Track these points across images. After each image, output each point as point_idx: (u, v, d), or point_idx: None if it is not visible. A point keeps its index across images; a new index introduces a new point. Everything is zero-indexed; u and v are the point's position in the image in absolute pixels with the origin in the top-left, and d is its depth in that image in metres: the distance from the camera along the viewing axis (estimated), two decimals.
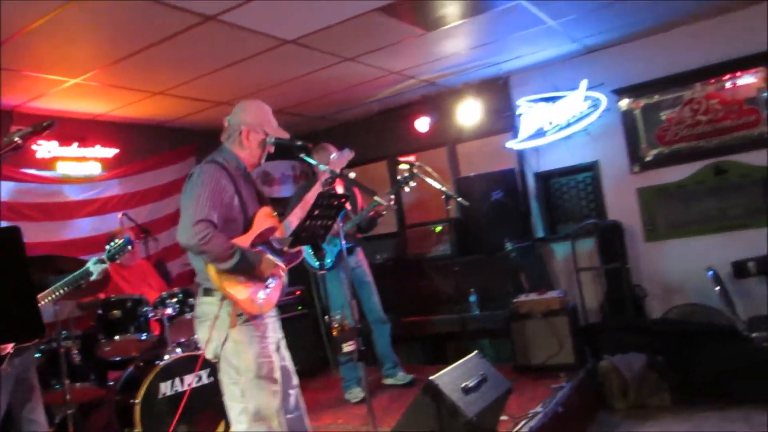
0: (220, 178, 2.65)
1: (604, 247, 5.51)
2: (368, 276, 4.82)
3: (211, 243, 2.52)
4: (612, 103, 5.68)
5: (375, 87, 5.89)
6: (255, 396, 2.65)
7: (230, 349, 2.66)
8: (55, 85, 4.56)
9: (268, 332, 2.75)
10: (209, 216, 2.55)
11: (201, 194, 2.58)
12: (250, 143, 2.83)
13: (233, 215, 2.69)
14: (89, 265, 3.16)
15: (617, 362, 4.59)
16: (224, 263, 2.55)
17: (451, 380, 3.07)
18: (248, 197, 2.77)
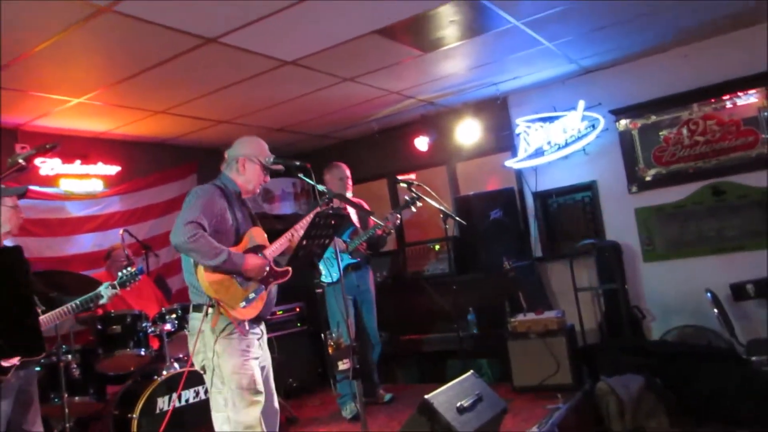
0: (215, 193, 2.94)
1: (602, 267, 5.52)
2: (371, 296, 4.87)
3: (199, 242, 2.75)
4: (610, 123, 5.73)
5: (375, 106, 5.96)
6: (237, 406, 2.80)
7: (214, 360, 2.84)
8: (59, 105, 4.64)
9: (252, 347, 2.92)
10: (199, 219, 2.80)
11: (195, 203, 2.88)
12: (245, 171, 3.09)
13: (224, 227, 2.93)
14: (101, 289, 3.31)
15: (614, 384, 4.57)
16: (211, 260, 2.77)
17: (446, 399, 3.09)
18: (241, 217, 3.04)
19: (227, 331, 2.84)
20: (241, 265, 2.84)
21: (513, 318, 4.98)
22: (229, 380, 2.82)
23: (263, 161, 3.09)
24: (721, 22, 4.92)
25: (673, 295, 5.45)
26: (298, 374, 5.92)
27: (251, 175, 3.10)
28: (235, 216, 3.00)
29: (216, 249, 2.79)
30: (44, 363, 4.04)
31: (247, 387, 2.82)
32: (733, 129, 5.26)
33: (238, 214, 3.03)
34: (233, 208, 3.01)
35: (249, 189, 3.13)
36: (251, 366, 2.87)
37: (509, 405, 3.70)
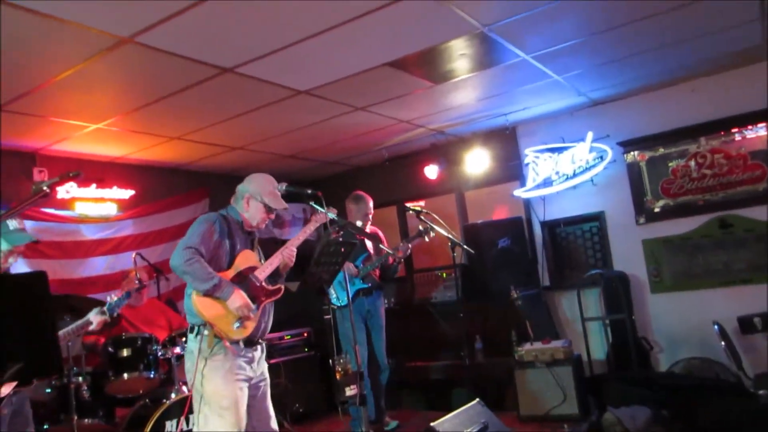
0: (216, 223, 3.16)
1: (609, 297, 5.53)
2: (381, 320, 4.93)
3: (194, 266, 2.97)
4: (618, 155, 5.79)
5: (385, 135, 6.06)
6: (216, 425, 2.94)
7: (199, 378, 3.00)
8: (77, 130, 4.75)
9: (241, 370, 3.04)
10: (197, 246, 3.03)
11: (197, 230, 3.12)
12: (249, 208, 3.28)
13: (218, 253, 3.14)
14: (90, 316, 3.38)
15: (621, 415, 4.55)
16: (203, 285, 2.97)
17: (452, 427, 3.12)
18: (240, 244, 3.23)
19: (217, 353, 3.00)
20: (229, 294, 3.00)
21: (520, 347, 4.98)
22: (211, 400, 2.98)
23: (267, 201, 3.25)
24: (728, 58, 5.00)
25: (680, 327, 5.44)
26: (304, 399, 5.92)
27: (254, 212, 3.28)
28: (233, 243, 3.19)
29: (209, 275, 2.99)
30: (55, 385, 4.11)
31: (227, 407, 2.96)
32: (740, 163, 5.30)
33: (237, 242, 3.22)
34: (233, 237, 3.21)
35: (252, 224, 3.30)
36: (235, 389, 3.00)
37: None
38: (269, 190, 3.29)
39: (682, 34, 4.31)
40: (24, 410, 3.12)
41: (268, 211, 3.28)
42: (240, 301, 3.01)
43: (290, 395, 5.78)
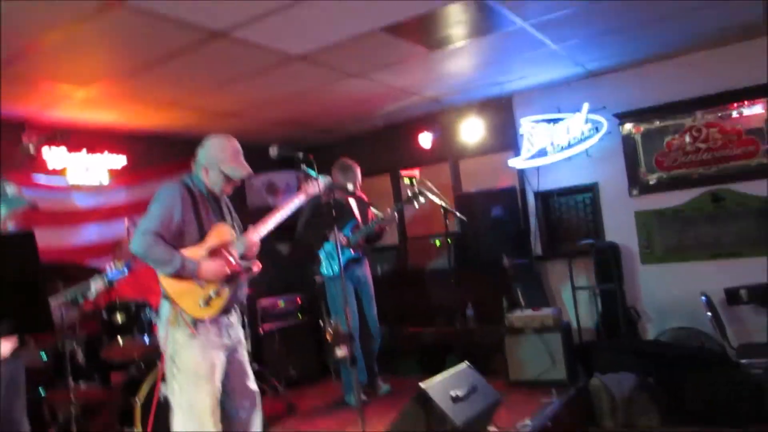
0: (177, 197, 2.99)
1: (600, 267, 5.59)
2: (371, 288, 4.99)
3: (153, 252, 2.88)
4: (613, 127, 5.79)
5: (380, 102, 6.03)
6: (189, 393, 2.93)
7: (171, 347, 2.96)
8: (66, 96, 4.69)
9: (212, 335, 3.00)
10: (155, 228, 2.91)
11: (155, 209, 2.97)
12: (208, 177, 3.12)
13: (186, 228, 3.00)
14: (90, 282, 3.36)
15: (608, 381, 4.64)
16: (165, 268, 2.91)
17: (441, 388, 3.17)
18: (207, 214, 3.08)
19: (187, 319, 2.95)
20: (195, 271, 2.93)
21: (510, 314, 5.05)
22: (185, 368, 2.94)
23: (225, 170, 3.09)
24: (728, 32, 4.98)
25: (668, 298, 5.52)
26: (298, 365, 6.01)
27: (215, 181, 3.13)
28: (198, 214, 3.05)
29: (170, 259, 2.89)
30: (50, 350, 4.15)
31: (204, 378, 2.94)
32: (734, 138, 5.32)
33: (204, 212, 3.08)
34: (200, 209, 3.06)
35: (216, 193, 3.16)
36: (212, 357, 2.97)
37: (504, 398, 3.77)
38: (227, 157, 3.11)
39: (683, 6, 4.27)
40: (19, 380, 3.15)
41: (227, 181, 3.13)
42: (211, 271, 2.94)
43: (284, 360, 5.86)
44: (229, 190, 3.18)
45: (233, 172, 3.09)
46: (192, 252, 3.00)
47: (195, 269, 2.93)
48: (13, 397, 3.10)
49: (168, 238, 2.96)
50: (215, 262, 2.97)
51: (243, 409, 3.21)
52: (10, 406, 3.10)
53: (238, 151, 3.15)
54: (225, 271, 2.97)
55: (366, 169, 5.08)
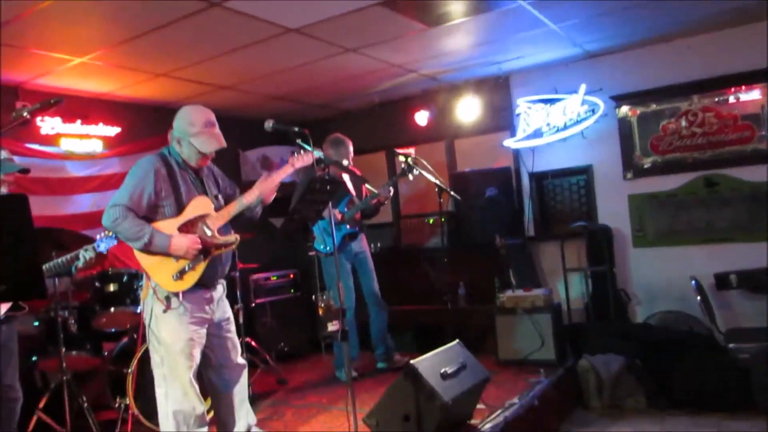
0: (151, 171, 2.95)
1: (592, 249, 5.62)
2: (370, 262, 4.98)
3: (121, 225, 2.87)
4: (609, 109, 5.78)
5: (376, 79, 5.98)
6: (170, 366, 2.97)
7: (153, 321, 2.98)
8: (60, 64, 4.64)
9: (190, 309, 2.99)
10: (126, 202, 2.88)
11: (128, 183, 2.94)
12: (182, 149, 3.06)
13: (165, 201, 2.98)
14: (80, 252, 3.36)
15: (595, 362, 4.70)
16: (135, 243, 2.90)
17: (431, 365, 3.20)
18: (185, 187, 3.04)
19: (164, 293, 2.95)
20: (166, 247, 2.90)
21: (501, 294, 5.08)
22: (165, 343, 2.97)
23: (195, 143, 3.02)
24: (727, 16, 4.95)
25: (659, 281, 5.56)
26: (289, 339, 6.04)
27: (188, 154, 3.07)
28: (176, 187, 3.01)
29: (138, 233, 2.87)
30: (42, 318, 4.16)
31: (180, 351, 2.96)
32: (730, 123, 5.32)
33: (183, 185, 3.04)
34: (177, 181, 3.03)
35: (192, 165, 3.11)
36: (189, 332, 2.98)
37: (493, 377, 3.81)
38: (198, 129, 3.03)
39: None
40: (10, 345, 3.15)
41: (203, 153, 3.05)
42: (181, 247, 2.90)
43: (275, 335, 5.89)
44: (204, 162, 3.12)
45: (202, 145, 3.02)
46: (168, 225, 2.97)
47: (165, 244, 2.90)
48: (4, 361, 3.11)
49: (141, 212, 2.94)
50: (187, 237, 2.93)
51: (231, 383, 3.25)
52: (2, 371, 3.12)
53: (210, 122, 3.06)
54: (196, 247, 2.93)
55: (361, 146, 5.06)
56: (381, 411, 3.26)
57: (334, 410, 4.12)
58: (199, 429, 3.06)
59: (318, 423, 3.88)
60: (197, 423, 3.04)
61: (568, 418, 4.49)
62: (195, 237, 2.94)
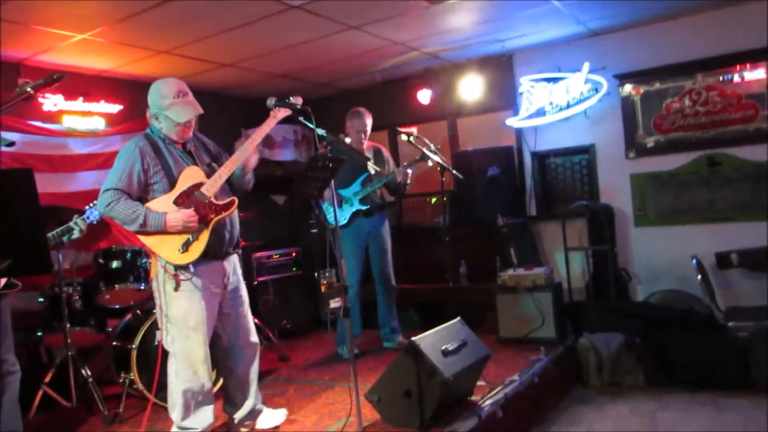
0: (135, 150, 2.98)
1: (593, 229, 5.64)
2: (383, 242, 4.95)
3: (115, 209, 2.89)
4: (613, 88, 5.75)
5: (378, 57, 5.95)
6: (181, 343, 2.99)
7: (163, 298, 2.99)
8: (62, 40, 4.63)
9: (201, 283, 3.01)
10: (116, 186, 2.91)
11: (116, 167, 2.97)
12: (160, 124, 3.06)
13: (156, 179, 3.00)
14: (71, 223, 3.38)
15: (595, 340, 4.74)
16: (131, 226, 2.91)
17: (432, 342, 3.23)
18: (174, 161, 3.06)
19: (180, 273, 2.97)
20: (162, 225, 2.90)
21: (503, 272, 5.10)
22: (177, 321, 2.99)
23: (169, 115, 3.01)
24: None
25: (660, 260, 5.58)
26: (292, 317, 6.09)
27: (168, 127, 3.07)
28: (166, 164, 3.03)
29: (132, 215, 2.89)
30: (47, 294, 4.19)
31: (193, 328, 2.99)
32: (734, 102, 5.29)
33: (170, 159, 3.05)
34: (164, 157, 3.04)
35: (174, 138, 3.10)
36: (200, 308, 3.00)
37: (494, 354, 3.84)
38: (170, 101, 3.02)
39: None
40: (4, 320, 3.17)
41: (179, 124, 3.04)
42: (177, 222, 2.90)
43: (278, 312, 5.93)
44: (186, 133, 3.10)
45: (177, 115, 3.02)
46: (163, 201, 2.98)
47: (161, 222, 2.91)
48: None
49: (135, 193, 2.97)
50: (181, 212, 2.93)
51: (242, 362, 3.29)
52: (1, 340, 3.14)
53: (181, 91, 3.05)
54: (191, 220, 2.93)
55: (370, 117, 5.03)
56: (382, 387, 3.30)
57: (337, 387, 4.16)
58: (206, 406, 3.11)
59: (320, 399, 3.92)
60: (205, 399, 3.09)
61: (568, 395, 4.55)
62: (189, 210, 2.94)
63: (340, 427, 3.28)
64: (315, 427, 3.38)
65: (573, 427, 3.93)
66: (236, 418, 3.37)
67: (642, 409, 4.15)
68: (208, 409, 3.12)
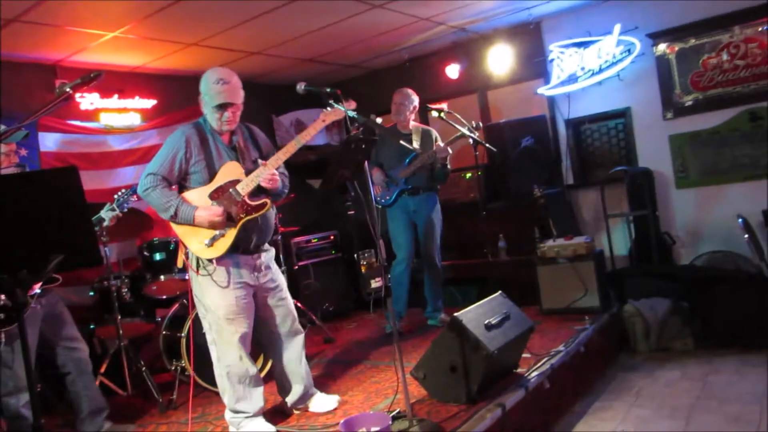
0: (182, 138, 3.05)
1: (633, 193, 5.52)
2: (430, 221, 4.95)
3: (151, 195, 2.98)
4: (646, 48, 5.59)
5: (404, 34, 5.91)
6: (217, 330, 3.09)
7: (197, 289, 3.10)
8: (94, 39, 4.72)
9: (234, 276, 3.06)
10: (159, 171, 3.00)
11: (161, 152, 3.06)
12: (205, 111, 3.12)
13: (194, 169, 3.06)
14: (102, 213, 3.47)
15: (641, 306, 4.68)
16: (163, 214, 3.00)
17: (475, 317, 3.24)
18: (218, 154, 3.11)
19: (209, 265, 3.04)
20: (191, 219, 2.97)
21: (542, 244, 5.05)
22: (209, 310, 3.08)
23: (207, 100, 3.07)
24: None
25: (704, 222, 5.46)
26: (333, 299, 6.16)
27: (209, 115, 3.13)
28: (208, 154, 3.07)
29: (165, 204, 2.96)
30: (97, 287, 4.34)
31: (223, 317, 3.06)
32: None
33: (214, 151, 3.10)
34: (208, 148, 3.09)
35: (214, 126, 3.14)
36: (231, 298, 3.05)
37: (537, 326, 3.83)
38: (209, 86, 3.07)
39: None
40: (57, 312, 3.31)
41: (213, 107, 3.07)
42: (204, 220, 2.95)
43: (320, 295, 6.01)
44: (225, 124, 3.12)
45: (211, 100, 3.05)
46: (199, 193, 3.04)
47: (190, 217, 2.97)
48: (56, 330, 3.27)
49: (174, 180, 3.05)
50: (209, 210, 2.98)
51: (285, 350, 3.36)
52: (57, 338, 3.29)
53: (220, 79, 3.08)
54: (217, 219, 2.97)
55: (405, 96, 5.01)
56: (427, 364, 3.33)
57: (381, 366, 4.21)
58: (255, 388, 3.19)
59: (367, 379, 3.98)
60: (252, 383, 3.17)
61: (615, 363, 4.52)
62: (217, 209, 2.98)
63: (388, 404, 3.32)
64: (363, 406, 3.43)
65: (623, 394, 3.90)
66: (288, 402, 3.45)
67: (692, 373, 4.10)
68: (257, 392, 3.21)
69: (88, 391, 3.37)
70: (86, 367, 3.40)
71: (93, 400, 3.39)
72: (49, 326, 3.25)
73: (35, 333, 3.14)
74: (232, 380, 3.13)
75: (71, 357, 3.32)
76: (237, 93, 3.11)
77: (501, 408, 3.05)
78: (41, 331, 3.20)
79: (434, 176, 4.94)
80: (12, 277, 1.71)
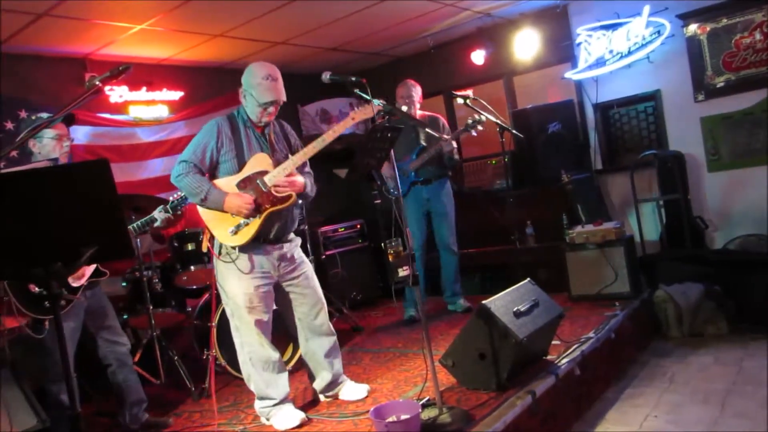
0: (214, 128, 3.13)
1: (664, 178, 5.43)
2: (444, 209, 4.98)
3: (183, 180, 3.07)
4: (676, 29, 5.46)
5: (429, 20, 5.86)
6: (238, 318, 3.16)
7: (219, 277, 3.19)
8: (122, 32, 4.78)
9: (256, 264, 3.14)
10: (192, 158, 3.09)
11: (194, 140, 3.14)
12: (246, 104, 3.19)
13: (224, 158, 3.14)
14: (154, 214, 3.53)
15: (673, 291, 4.61)
16: (194, 198, 3.10)
17: (503, 304, 3.22)
18: (248, 144, 3.18)
19: (230, 253, 3.11)
20: (221, 204, 3.04)
21: (571, 230, 5.00)
22: (231, 296, 3.15)
23: (253, 94, 3.10)
24: None
25: (737, 205, 5.33)
26: (360, 287, 6.19)
27: (251, 108, 3.17)
28: (239, 145, 3.15)
29: (197, 188, 3.04)
30: (129, 278, 4.41)
31: (242, 305, 3.12)
32: None
33: (245, 142, 3.17)
34: (240, 139, 3.16)
35: (254, 120, 3.20)
36: (250, 287, 3.12)
37: (567, 313, 3.80)
38: (257, 81, 3.10)
39: None
40: (101, 306, 3.38)
41: (258, 105, 3.12)
42: (233, 206, 3.02)
43: (347, 284, 6.04)
44: (266, 117, 3.18)
45: (258, 96, 3.10)
46: (228, 181, 3.12)
47: (220, 201, 3.04)
48: (99, 323, 3.36)
49: (205, 168, 3.12)
50: (241, 196, 3.04)
51: (314, 337, 3.40)
52: (99, 331, 3.37)
53: (269, 75, 3.12)
54: (247, 206, 3.02)
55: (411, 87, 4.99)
56: (456, 352, 3.32)
57: (410, 353, 4.22)
58: (279, 374, 3.24)
59: (396, 367, 3.99)
60: (276, 369, 3.22)
61: (648, 349, 4.46)
62: (248, 197, 3.05)
63: (417, 392, 3.33)
64: (393, 394, 3.44)
65: (656, 380, 3.86)
66: (317, 388, 3.49)
67: (727, 358, 4.03)
68: (282, 378, 3.26)
69: (128, 383, 3.45)
70: (127, 360, 3.47)
71: (133, 393, 3.47)
72: (93, 319, 3.34)
73: (79, 324, 3.22)
74: (256, 366, 3.19)
75: (112, 350, 3.41)
76: (283, 90, 3.18)
77: (531, 395, 3.05)
78: (84, 324, 3.28)
79: (444, 164, 4.96)
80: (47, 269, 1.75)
